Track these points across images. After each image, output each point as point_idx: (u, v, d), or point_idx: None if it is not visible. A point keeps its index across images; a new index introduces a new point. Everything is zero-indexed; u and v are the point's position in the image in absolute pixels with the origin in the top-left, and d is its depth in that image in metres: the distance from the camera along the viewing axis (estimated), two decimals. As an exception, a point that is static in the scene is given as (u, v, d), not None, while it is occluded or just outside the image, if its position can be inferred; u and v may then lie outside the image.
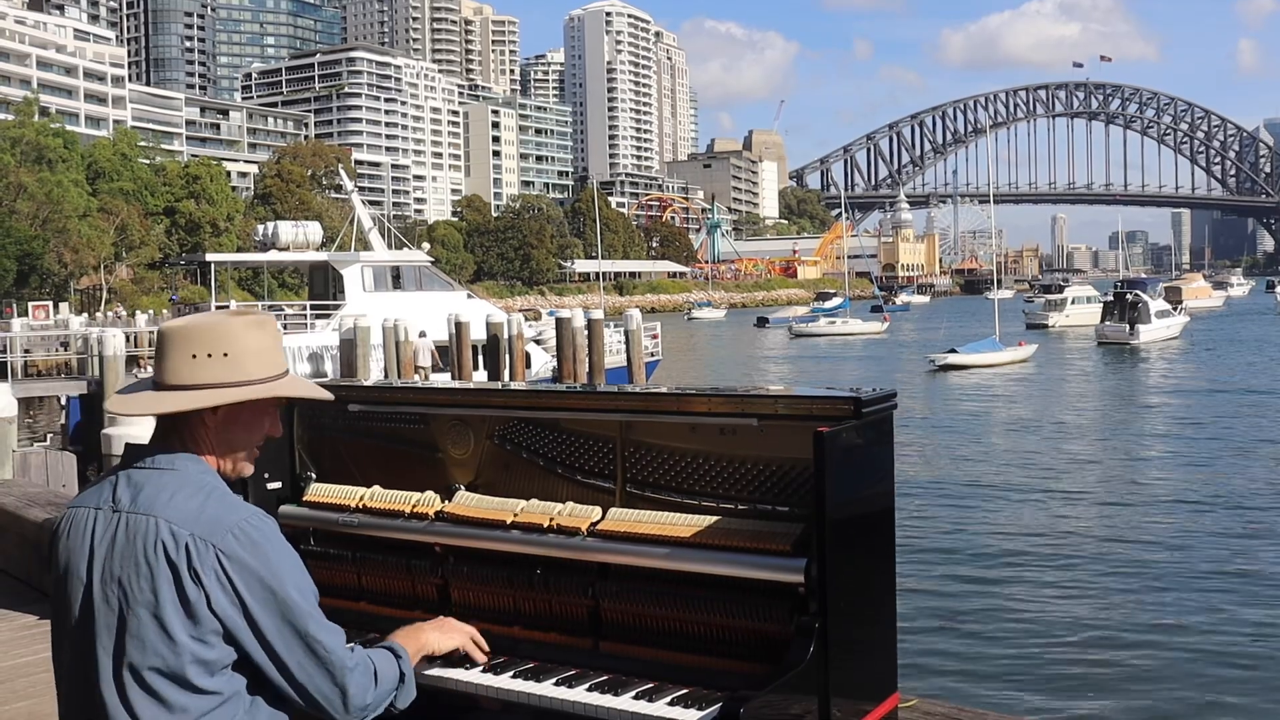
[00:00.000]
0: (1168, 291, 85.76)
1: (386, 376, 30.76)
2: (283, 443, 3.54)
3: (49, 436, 27.35)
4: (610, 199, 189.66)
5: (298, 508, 3.56)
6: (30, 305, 52.93)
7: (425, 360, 32.48)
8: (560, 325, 33.97)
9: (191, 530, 2.19)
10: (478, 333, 33.30)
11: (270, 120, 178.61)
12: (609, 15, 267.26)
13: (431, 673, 2.83)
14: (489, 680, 2.84)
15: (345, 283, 36.13)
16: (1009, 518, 19.30)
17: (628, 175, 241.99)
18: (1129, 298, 64.66)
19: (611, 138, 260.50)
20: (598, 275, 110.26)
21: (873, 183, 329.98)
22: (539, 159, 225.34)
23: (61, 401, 28.65)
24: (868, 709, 2.73)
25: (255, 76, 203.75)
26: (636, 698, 2.69)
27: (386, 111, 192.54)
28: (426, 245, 50.57)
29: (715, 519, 2.89)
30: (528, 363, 34.81)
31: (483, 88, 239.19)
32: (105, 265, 77.25)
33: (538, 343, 37.94)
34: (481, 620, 3.10)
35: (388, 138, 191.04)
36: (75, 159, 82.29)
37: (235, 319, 2.38)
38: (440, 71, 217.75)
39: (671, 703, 2.66)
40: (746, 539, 2.79)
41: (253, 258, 40.33)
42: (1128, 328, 61.91)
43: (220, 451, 2.37)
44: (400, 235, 48.78)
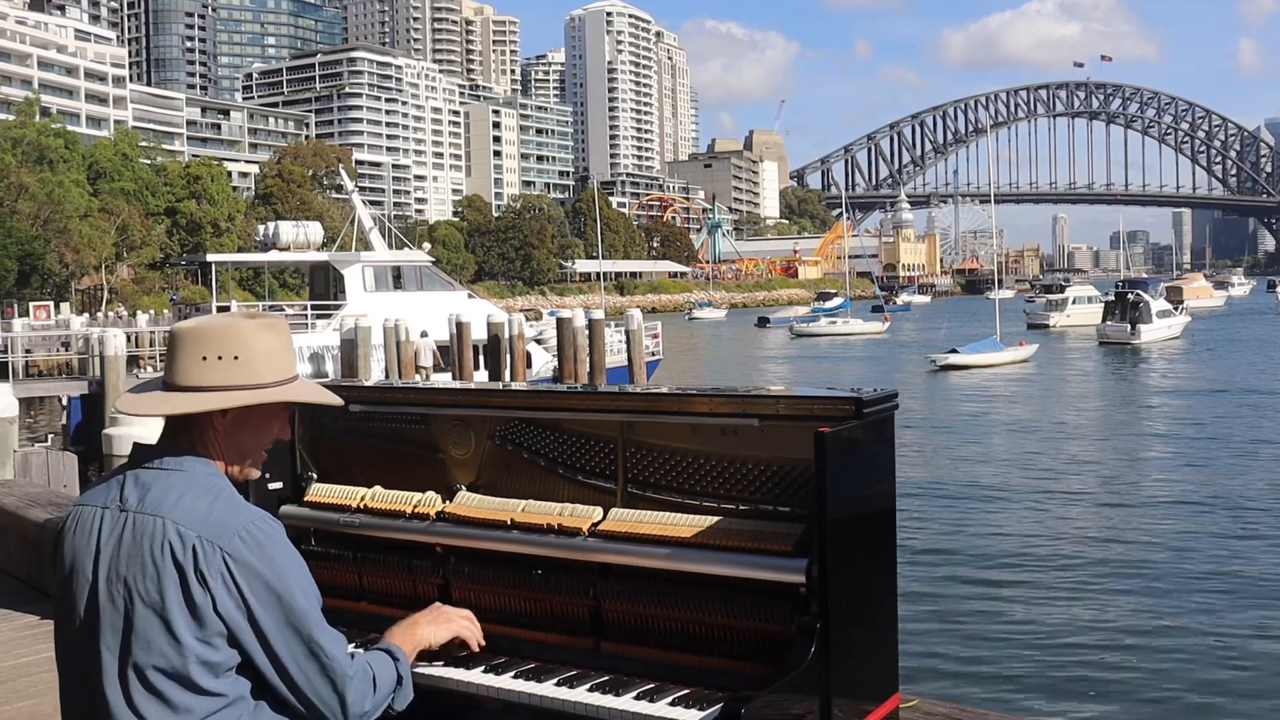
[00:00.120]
0: (1169, 291, 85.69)
1: (387, 377, 30.75)
2: (284, 443, 3.53)
3: (50, 437, 27.34)
4: (611, 199, 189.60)
5: (299, 508, 3.56)
6: (31, 305, 53.00)
7: (427, 360, 32.47)
8: (561, 325, 33.97)
9: (199, 532, 2.19)
10: (478, 333, 33.30)
11: (271, 120, 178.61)
12: (609, 15, 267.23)
13: (432, 673, 2.83)
14: (490, 680, 2.84)
15: (346, 283, 36.15)
16: (1010, 519, 19.26)
17: (628, 175, 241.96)
18: (1130, 297, 64.65)
19: (612, 138, 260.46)
20: (598, 275, 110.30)
21: (873, 183, 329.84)
22: (540, 159, 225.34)
23: (63, 402, 28.65)
24: (869, 709, 2.73)
25: (256, 76, 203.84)
26: (638, 698, 2.69)
27: (387, 111, 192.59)
28: (427, 245, 50.51)
29: (716, 519, 2.89)
30: (528, 363, 34.81)
31: (483, 88, 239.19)
32: (106, 265, 77.27)
33: (538, 342, 37.93)
34: (483, 620, 3.09)
35: (388, 138, 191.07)
36: (76, 159, 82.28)
37: (247, 322, 2.37)
38: (441, 71, 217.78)
39: (673, 703, 2.66)
40: (748, 539, 2.79)
41: (254, 258, 40.34)
42: (1129, 327, 61.88)
43: (228, 454, 2.37)
44: (401, 235, 48.75)
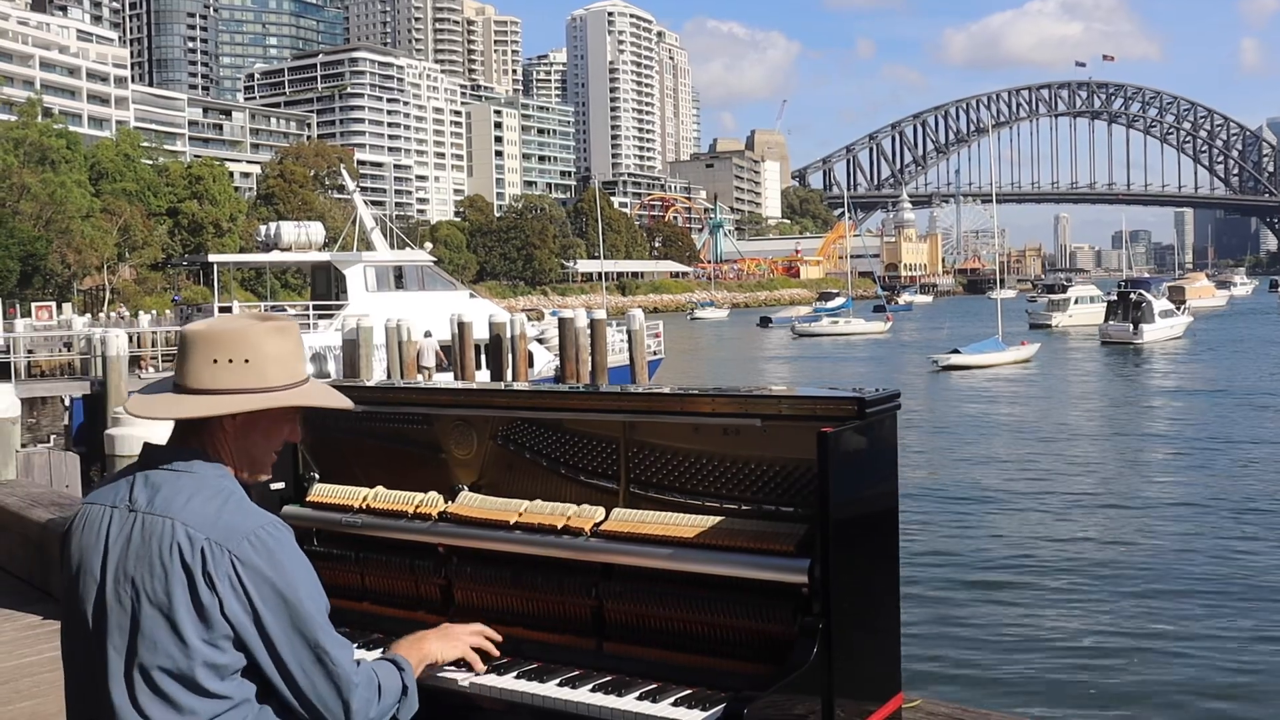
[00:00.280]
0: (1171, 291, 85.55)
1: (389, 377, 30.76)
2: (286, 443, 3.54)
3: (52, 437, 27.36)
4: (613, 199, 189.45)
5: (301, 508, 3.56)
6: (33, 306, 52.95)
7: (430, 360, 32.47)
8: (563, 325, 33.97)
9: (208, 535, 2.19)
10: (480, 332, 33.31)
11: (273, 121, 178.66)
12: (611, 15, 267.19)
13: (435, 673, 2.82)
14: (493, 681, 2.84)
15: (348, 283, 36.16)
16: (1012, 520, 19.20)
17: (630, 175, 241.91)
18: (1133, 297, 64.62)
19: (614, 138, 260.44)
20: (600, 275, 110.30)
21: (875, 182, 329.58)
22: (541, 159, 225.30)
23: (65, 402, 28.68)
24: (871, 709, 2.73)
25: (258, 77, 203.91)
26: (640, 698, 2.69)
27: (389, 112, 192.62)
28: (429, 245, 50.46)
29: (718, 519, 2.88)
30: (530, 363, 34.81)
31: (485, 88, 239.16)
32: (108, 266, 77.28)
33: (540, 342, 37.94)
34: (485, 621, 3.10)
35: (390, 138, 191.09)
36: (78, 160, 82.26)
37: (258, 325, 2.37)
38: (443, 72, 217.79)
39: (675, 703, 2.66)
40: (750, 539, 2.79)
41: (255, 258, 40.35)
42: (1132, 327, 61.84)
43: (238, 457, 2.37)
44: (403, 235, 48.75)
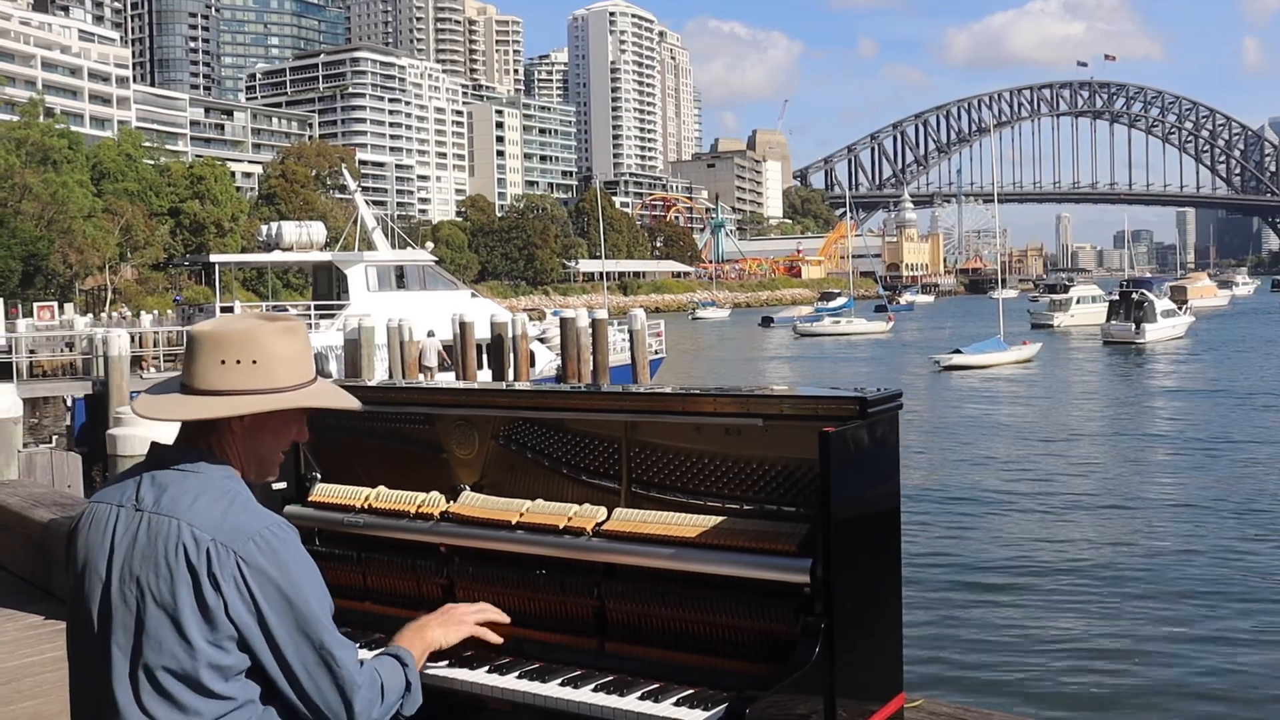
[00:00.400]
0: (1173, 291, 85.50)
1: (391, 376, 30.77)
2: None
3: (54, 437, 27.40)
4: (614, 199, 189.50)
5: (303, 508, 3.55)
6: (35, 306, 53.03)
7: (432, 360, 32.49)
8: (564, 325, 33.99)
9: (213, 536, 2.19)
10: (482, 332, 33.33)
11: (274, 120, 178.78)
12: (613, 15, 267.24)
13: (437, 673, 2.83)
14: (494, 680, 2.84)
15: (349, 283, 36.18)
16: (1014, 521, 19.17)
17: (632, 175, 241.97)
18: (1135, 297, 64.58)
19: (615, 137, 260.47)
20: (602, 275, 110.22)
21: (877, 182, 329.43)
22: (543, 159, 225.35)
23: (67, 402, 28.71)
24: (874, 709, 2.73)
25: (259, 77, 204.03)
26: (642, 698, 2.69)
27: (390, 112, 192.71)
28: (430, 245, 50.50)
29: (720, 519, 2.88)
30: (532, 362, 34.83)
31: (487, 88, 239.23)
32: (110, 266, 77.32)
33: (542, 341, 37.97)
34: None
35: (392, 138, 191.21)
36: (80, 160, 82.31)
37: (265, 325, 2.37)
38: (444, 71, 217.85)
39: (677, 703, 2.66)
40: (752, 539, 2.78)
41: (257, 258, 40.38)
42: (1134, 327, 61.82)
43: (246, 458, 2.37)
44: (404, 235, 48.78)
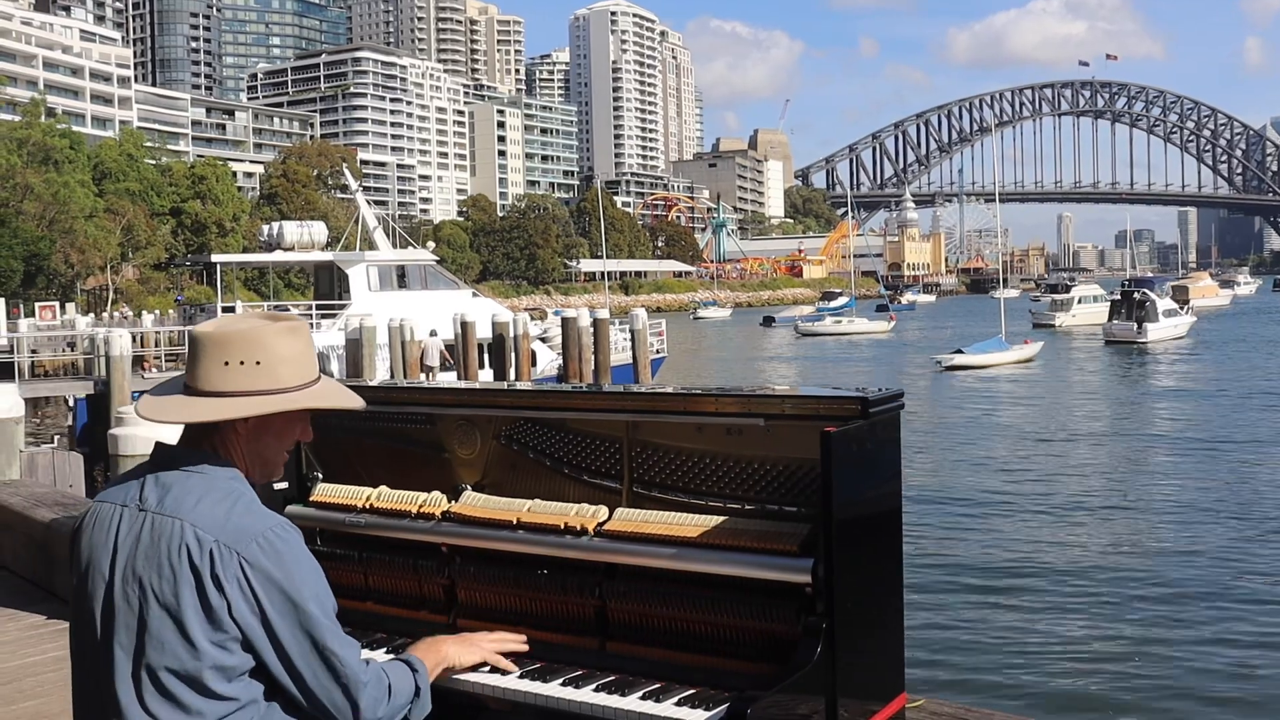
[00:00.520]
0: (1175, 290, 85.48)
1: (393, 376, 30.77)
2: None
3: (56, 437, 27.39)
4: (615, 198, 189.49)
5: (304, 508, 3.55)
6: (37, 306, 53.04)
7: (434, 359, 32.50)
8: (566, 324, 33.98)
9: (217, 537, 2.19)
10: (483, 332, 33.33)
11: (276, 120, 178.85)
12: (614, 15, 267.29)
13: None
14: (496, 680, 2.84)
15: (351, 282, 36.20)
16: (1016, 522, 19.12)
17: (633, 175, 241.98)
18: (1136, 296, 64.54)
19: (617, 137, 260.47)
20: (603, 275, 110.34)
21: (878, 182, 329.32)
22: (544, 158, 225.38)
23: (69, 402, 28.72)
24: (875, 709, 2.73)
25: (261, 77, 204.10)
26: (643, 698, 2.69)
27: (392, 111, 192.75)
28: (432, 245, 50.50)
29: (722, 519, 2.88)
30: (533, 362, 34.83)
31: (488, 87, 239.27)
32: (111, 266, 77.38)
33: (543, 341, 37.97)
34: (488, 621, 3.10)
35: (393, 138, 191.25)
36: (81, 160, 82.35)
37: (269, 326, 2.36)
38: (445, 71, 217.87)
39: (679, 703, 2.66)
40: (753, 539, 2.78)
41: (258, 258, 40.41)
42: (1135, 326, 61.79)
43: (250, 458, 2.37)
44: (406, 235, 48.81)
